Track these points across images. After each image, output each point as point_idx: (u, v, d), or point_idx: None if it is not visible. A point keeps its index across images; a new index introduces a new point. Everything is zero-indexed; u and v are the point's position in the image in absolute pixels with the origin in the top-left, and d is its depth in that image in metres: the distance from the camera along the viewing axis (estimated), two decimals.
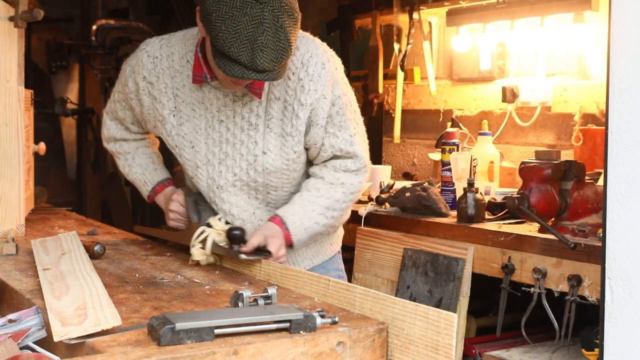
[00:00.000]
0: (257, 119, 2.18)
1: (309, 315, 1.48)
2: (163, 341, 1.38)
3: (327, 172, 2.22)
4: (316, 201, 2.20)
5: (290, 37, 1.94)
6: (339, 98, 2.18)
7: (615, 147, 1.80)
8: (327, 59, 2.17)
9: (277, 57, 1.92)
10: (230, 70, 1.93)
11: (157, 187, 2.46)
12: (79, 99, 6.60)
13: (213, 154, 2.24)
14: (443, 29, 4.11)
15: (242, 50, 1.89)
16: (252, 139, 2.19)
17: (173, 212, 2.36)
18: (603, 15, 3.26)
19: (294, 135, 2.17)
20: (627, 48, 1.78)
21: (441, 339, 1.47)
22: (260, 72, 1.92)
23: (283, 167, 2.21)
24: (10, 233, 2.47)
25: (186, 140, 2.26)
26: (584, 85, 3.41)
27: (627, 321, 1.78)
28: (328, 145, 2.20)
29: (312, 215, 2.19)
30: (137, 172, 2.48)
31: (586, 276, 2.48)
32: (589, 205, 2.61)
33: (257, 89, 2.13)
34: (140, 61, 2.29)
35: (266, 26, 1.90)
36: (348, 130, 2.20)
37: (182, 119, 2.25)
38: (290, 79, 2.13)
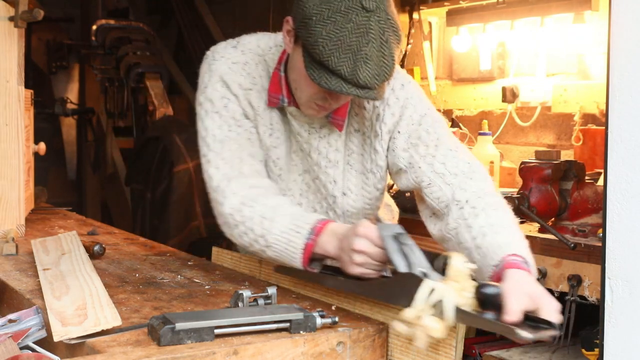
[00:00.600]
0: (336, 154, 1.90)
1: (309, 315, 1.48)
2: (163, 341, 1.38)
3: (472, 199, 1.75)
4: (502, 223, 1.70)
5: (394, 54, 1.68)
6: (425, 116, 1.87)
7: (615, 147, 1.80)
8: (409, 80, 1.91)
9: (380, 73, 1.66)
10: (326, 82, 1.65)
11: (317, 225, 1.72)
12: (79, 99, 6.61)
13: (295, 183, 1.94)
14: (443, 29, 4.11)
15: (343, 61, 1.63)
16: (331, 177, 1.91)
17: (361, 254, 1.62)
18: (603, 15, 3.26)
19: (375, 172, 1.90)
20: (627, 48, 1.78)
21: (441, 339, 1.46)
22: (361, 87, 1.65)
23: (365, 207, 1.94)
24: (10, 233, 2.47)
25: (276, 165, 1.92)
26: (584, 85, 3.41)
27: (627, 321, 1.78)
28: (426, 168, 1.82)
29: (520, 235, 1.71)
30: (284, 222, 1.75)
31: (586, 276, 2.48)
32: (589, 205, 2.61)
33: (339, 120, 1.86)
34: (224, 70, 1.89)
35: (372, 37, 1.64)
36: (445, 145, 1.84)
37: (278, 140, 1.91)
38: (366, 109, 1.88)
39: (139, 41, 6.12)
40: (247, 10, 6.06)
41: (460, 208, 1.74)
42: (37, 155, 2.98)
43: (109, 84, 6.12)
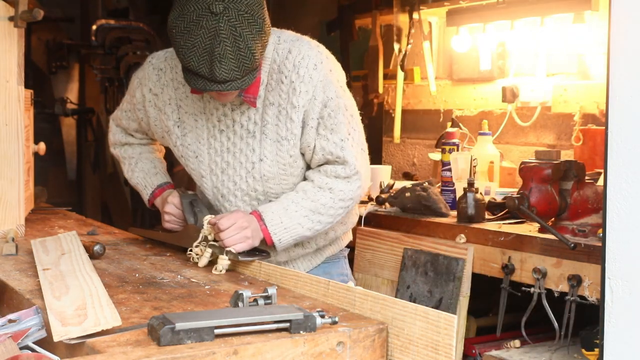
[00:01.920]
0: (254, 126, 2.19)
1: (309, 315, 1.48)
2: (163, 341, 1.38)
3: (318, 176, 2.19)
4: (300, 202, 2.16)
5: (252, 45, 1.92)
6: (331, 100, 2.14)
7: (615, 147, 1.80)
8: (321, 60, 2.14)
9: (238, 65, 1.92)
10: (194, 83, 1.97)
11: (156, 190, 2.48)
12: (79, 99, 6.60)
13: (215, 164, 2.26)
14: (443, 29, 4.11)
15: (202, 63, 1.92)
16: (250, 146, 2.20)
17: (168, 214, 2.35)
18: (603, 15, 3.26)
19: (289, 139, 2.16)
20: (627, 48, 1.78)
21: (441, 339, 1.47)
22: (221, 82, 1.94)
23: (280, 172, 2.20)
24: (10, 233, 2.46)
25: (190, 150, 2.29)
26: (584, 85, 3.41)
27: (627, 321, 1.78)
28: (319, 148, 2.16)
29: (294, 215, 2.15)
30: (139, 176, 2.51)
31: (586, 276, 2.48)
32: (589, 205, 2.61)
33: (250, 97, 2.14)
34: (146, 73, 2.33)
35: (223, 37, 1.90)
36: (339, 134, 2.15)
37: (186, 129, 2.28)
38: (283, 83, 2.13)
39: (139, 41, 6.12)
40: None
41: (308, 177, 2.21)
42: (37, 155, 2.98)
43: (109, 84, 6.11)
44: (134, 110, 2.40)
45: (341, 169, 2.17)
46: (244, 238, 2.10)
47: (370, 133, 2.34)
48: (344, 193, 2.19)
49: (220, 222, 2.09)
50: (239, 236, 2.09)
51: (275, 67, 2.13)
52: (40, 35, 6.52)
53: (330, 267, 2.38)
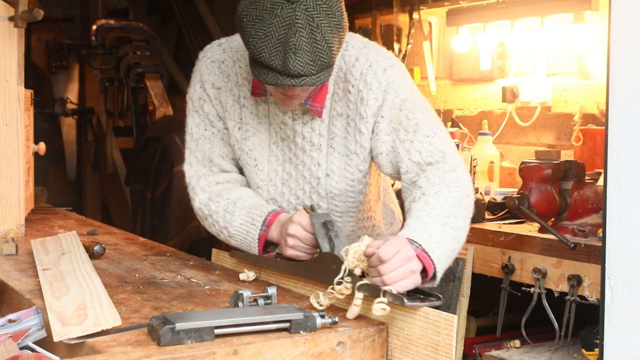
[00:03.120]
0: (320, 138, 1.98)
1: (309, 315, 1.48)
2: (163, 341, 1.38)
3: (425, 187, 1.79)
4: (431, 212, 1.72)
5: (329, 38, 1.73)
6: (406, 101, 1.92)
7: (615, 147, 1.80)
8: (391, 64, 1.95)
9: (314, 59, 1.72)
10: (264, 77, 1.76)
11: (269, 217, 1.95)
12: (79, 99, 6.61)
13: (276, 173, 2.04)
14: (443, 29, 4.11)
15: (274, 55, 1.71)
16: (315, 160, 1.99)
17: (293, 238, 1.84)
18: (603, 15, 3.26)
19: (358, 153, 1.96)
20: (627, 48, 1.78)
21: (441, 339, 1.47)
22: (295, 76, 1.73)
23: (348, 188, 2.00)
24: (10, 233, 2.46)
25: (250, 157, 2.04)
26: (584, 85, 3.41)
27: (627, 321, 1.78)
28: (404, 154, 1.87)
29: (438, 228, 1.69)
30: (242, 215, 1.98)
31: (586, 276, 2.48)
32: (589, 205, 2.61)
33: (317, 107, 1.94)
34: (205, 69, 2.04)
35: (299, 26, 1.70)
36: (424, 131, 1.87)
37: (248, 132, 2.03)
38: (351, 92, 1.94)
39: (139, 41, 6.12)
40: None
41: (415, 193, 1.82)
42: (37, 155, 2.98)
43: (109, 84, 6.11)
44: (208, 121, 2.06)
45: (442, 165, 1.83)
46: (410, 272, 1.57)
47: None
48: (462, 189, 1.80)
49: (381, 251, 1.55)
50: (403, 270, 1.56)
51: (342, 75, 1.95)
52: (40, 35, 6.53)
53: None
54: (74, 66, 6.59)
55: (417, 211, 1.74)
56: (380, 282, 1.55)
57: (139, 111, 6.04)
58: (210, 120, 2.06)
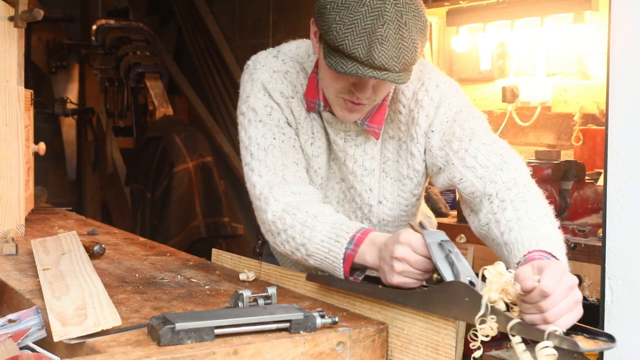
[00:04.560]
0: (372, 162, 1.87)
1: (309, 315, 1.48)
2: (163, 341, 1.38)
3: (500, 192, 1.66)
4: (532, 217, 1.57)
5: (415, 37, 1.64)
6: (460, 113, 1.80)
7: (615, 147, 1.80)
8: (444, 81, 1.85)
9: (398, 54, 1.61)
10: (343, 66, 1.63)
11: (358, 234, 1.65)
12: (79, 99, 6.61)
13: (333, 191, 1.93)
14: (443, 29, 4.11)
15: (358, 43, 1.60)
16: (367, 186, 1.88)
17: (402, 262, 1.52)
18: (603, 15, 3.26)
19: (412, 178, 1.86)
20: (627, 48, 1.78)
21: (441, 339, 1.47)
22: (378, 69, 1.61)
23: (401, 214, 1.89)
24: (10, 233, 2.47)
25: (318, 176, 1.90)
26: (584, 85, 3.41)
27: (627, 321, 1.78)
28: (458, 163, 1.75)
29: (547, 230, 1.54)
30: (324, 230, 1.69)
31: (586, 276, 2.48)
32: (589, 205, 2.61)
33: (374, 127, 1.83)
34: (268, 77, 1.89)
35: (387, 19, 1.61)
36: (480, 138, 1.75)
37: (320, 149, 1.89)
38: (402, 113, 1.84)
39: (139, 41, 6.12)
40: (247, 10, 6.07)
41: (490, 202, 1.66)
42: (37, 155, 2.98)
43: (109, 84, 6.12)
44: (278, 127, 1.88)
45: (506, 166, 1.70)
46: (575, 304, 1.31)
47: None
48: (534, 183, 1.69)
49: (545, 284, 1.27)
50: (568, 303, 1.30)
51: (394, 96, 1.85)
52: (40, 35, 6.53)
53: None
54: (74, 66, 6.59)
55: (513, 221, 1.57)
56: (540, 321, 1.30)
57: (139, 111, 6.05)
58: (281, 126, 1.87)
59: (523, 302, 1.31)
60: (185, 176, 5.11)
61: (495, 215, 1.63)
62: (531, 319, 1.30)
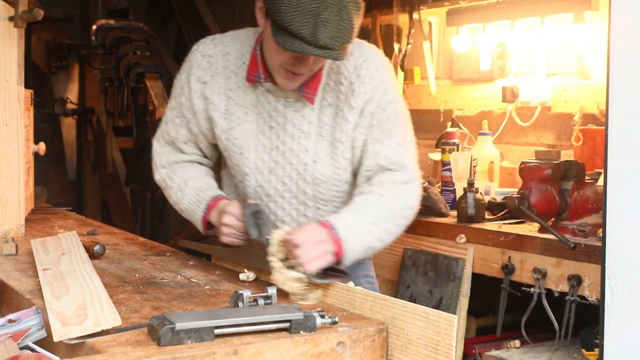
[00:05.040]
0: (309, 126, 2.08)
1: (309, 315, 1.48)
2: (163, 341, 1.38)
3: (375, 187, 2.02)
4: (366, 209, 1.98)
5: (353, 19, 1.86)
6: (390, 103, 2.05)
7: (615, 147, 1.80)
8: (382, 64, 2.08)
9: (339, 35, 1.84)
10: (290, 45, 1.84)
11: (210, 202, 2.14)
12: (79, 99, 6.60)
13: (262, 161, 2.12)
14: (443, 29, 4.10)
15: (304, 25, 1.82)
16: (303, 147, 2.08)
17: (227, 227, 2.05)
18: (603, 15, 3.26)
19: (343, 142, 2.06)
20: (627, 48, 1.78)
21: (441, 339, 1.47)
22: (322, 48, 1.84)
23: (334, 176, 2.08)
24: (10, 233, 2.47)
25: (235, 145, 2.13)
26: (584, 85, 3.41)
27: (627, 321, 1.78)
28: (372, 152, 2.04)
29: (363, 225, 1.97)
30: (190, 194, 2.18)
31: (586, 276, 2.48)
32: (589, 205, 2.61)
33: (310, 94, 2.05)
34: (194, 62, 2.16)
35: (329, 3, 1.83)
36: (396, 138, 2.04)
37: (233, 122, 2.13)
38: (343, 84, 2.05)
39: (139, 41, 6.11)
40: (247, 10, 6.06)
41: (364, 187, 2.05)
42: (37, 155, 2.98)
43: (109, 84, 6.11)
44: (181, 116, 2.19)
45: (399, 175, 2.04)
46: (322, 254, 1.86)
47: None
48: (407, 200, 2.05)
49: (294, 237, 1.85)
50: (316, 252, 1.85)
51: (335, 67, 2.06)
52: (40, 35, 6.52)
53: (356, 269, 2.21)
54: (74, 66, 6.58)
55: (355, 203, 2.01)
56: (297, 264, 1.82)
57: (139, 111, 6.04)
58: (183, 111, 2.18)
59: (289, 252, 1.86)
60: None
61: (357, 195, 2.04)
62: (293, 263, 1.83)
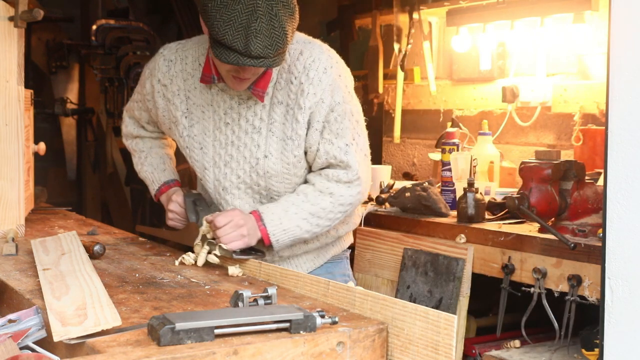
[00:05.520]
0: (261, 122, 2.20)
1: (309, 315, 1.48)
2: (163, 341, 1.38)
3: (319, 179, 2.20)
4: (301, 205, 2.18)
5: (285, 26, 1.95)
6: (338, 104, 2.16)
7: (615, 147, 1.80)
8: (331, 65, 2.17)
9: (271, 43, 1.93)
10: (226, 57, 1.95)
11: (162, 186, 2.49)
12: (79, 99, 6.60)
13: (219, 156, 2.27)
14: (443, 29, 4.11)
15: (237, 37, 1.92)
16: (255, 142, 2.21)
17: (172, 212, 2.40)
18: (603, 15, 3.26)
19: (294, 139, 2.17)
20: (627, 48, 1.78)
21: (441, 339, 1.47)
22: (255, 57, 1.94)
23: (284, 171, 2.22)
24: (10, 233, 2.47)
25: (195, 141, 2.29)
26: (584, 85, 3.41)
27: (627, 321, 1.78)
28: (323, 152, 2.18)
29: (293, 217, 2.17)
30: (148, 170, 2.52)
31: (586, 276, 2.48)
32: (589, 205, 2.61)
33: (259, 91, 2.15)
34: (157, 64, 2.34)
35: (260, 13, 1.92)
36: (344, 139, 2.17)
37: (193, 120, 2.29)
38: (293, 83, 2.15)
39: (139, 41, 6.12)
40: None
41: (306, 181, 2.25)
42: (37, 155, 2.98)
43: (109, 84, 6.11)
44: (144, 101, 2.41)
45: (343, 174, 2.18)
46: (240, 236, 2.13)
47: (370, 133, 2.33)
48: (344, 198, 2.20)
49: (216, 220, 2.13)
50: (235, 234, 2.12)
51: (286, 66, 2.15)
52: (40, 35, 6.52)
53: (333, 267, 2.39)
54: (74, 66, 6.58)
55: (291, 196, 2.20)
56: (217, 242, 2.13)
57: None
58: (145, 102, 2.40)
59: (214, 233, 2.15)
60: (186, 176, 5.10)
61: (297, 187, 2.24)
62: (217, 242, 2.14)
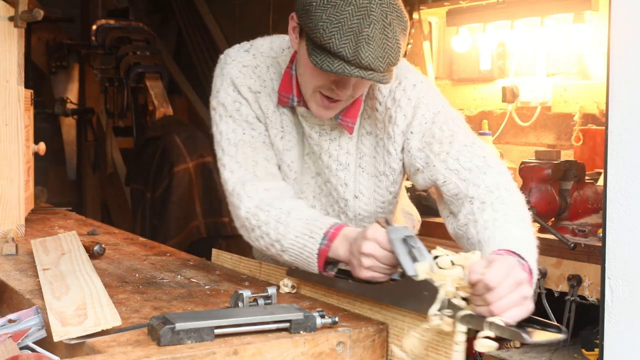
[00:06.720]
0: (347, 157, 1.86)
1: (309, 315, 1.48)
2: (163, 341, 1.38)
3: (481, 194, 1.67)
4: (507, 219, 1.60)
5: (399, 38, 1.65)
6: (438, 113, 1.80)
7: (615, 147, 1.80)
8: (421, 80, 1.84)
9: (383, 55, 1.62)
10: (329, 65, 1.62)
11: (331, 230, 1.70)
12: (79, 99, 6.61)
13: (308, 185, 1.92)
14: (443, 29, 4.11)
15: (345, 42, 1.60)
16: (342, 180, 1.87)
17: (369, 257, 1.58)
18: (603, 15, 3.26)
19: (387, 175, 1.85)
20: (627, 48, 1.78)
21: (441, 339, 1.46)
22: (364, 68, 1.62)
23: (378, 210, 1.89)
24: (10, 233, 2.47)
25: (290, 169, 1.90)
26: (584, 85, 3.41)
27: (627, 321, 1.78)
28: (440, 166, 1.74)
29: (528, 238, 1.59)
30: (297, 227, 1.74)
31: (586, 276, 2.48)
32: (589, 205, 2.61)
33: (348, 122, 1.83)
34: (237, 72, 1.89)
35: (373, 19, 1.61)
36: (461, 141, 1.76)
37: (290, 142, 1.89)
38: (378, 110, 1.83)
39: (139, 41, 6.12)
40: (247, 10, 6.07)
41: (471, 204, 1.67)
42: (37, 155, 2.98)
43: (109, 84, 6.12)
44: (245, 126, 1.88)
45: (489, 170, 1.71)
46: (522, 299, 1.36)
47: None
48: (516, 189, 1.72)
49: (489, 277, 1.33)
50: (515, 297, 1.35)
51: (370, 92, 1.85)
52: (40, 35, 6.53)
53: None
54: (74, 66, 6.59)
55: (489, 221, 1.60)
56: (487, 313, 1.32)
57: (139, 111, 6.04)
58: (250, 122, 1.88)
59: (473, 295, 1.36)
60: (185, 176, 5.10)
61: (474, 216, 1.64)
62: (480, 312, 1.34)
